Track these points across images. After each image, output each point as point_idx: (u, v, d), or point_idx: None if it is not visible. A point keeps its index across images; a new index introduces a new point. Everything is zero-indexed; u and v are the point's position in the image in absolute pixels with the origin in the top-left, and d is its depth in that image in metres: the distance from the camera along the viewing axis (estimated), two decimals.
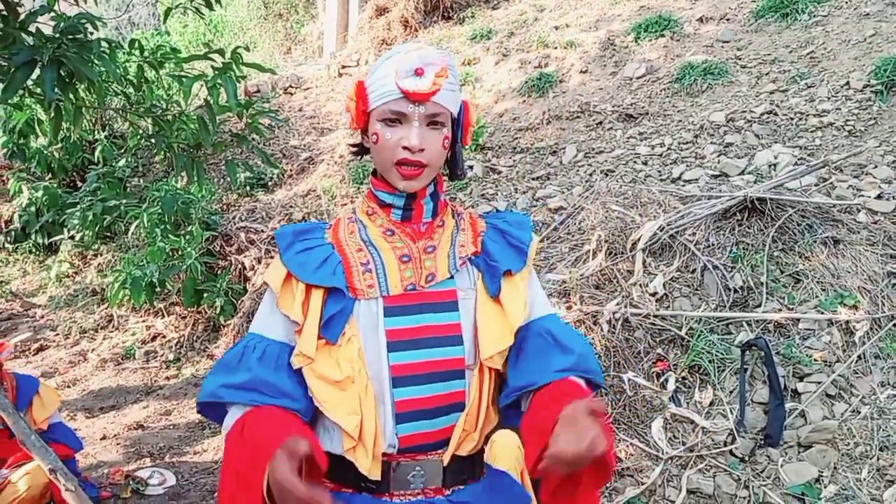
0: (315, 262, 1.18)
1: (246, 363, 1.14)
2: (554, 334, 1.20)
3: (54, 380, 4.85)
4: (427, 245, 1.22)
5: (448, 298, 1.18)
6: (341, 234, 1.24)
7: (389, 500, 1.14)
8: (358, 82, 1.21)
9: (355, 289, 1.16)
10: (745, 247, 3.50)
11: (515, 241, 1.25)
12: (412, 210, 1.22)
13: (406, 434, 1.13)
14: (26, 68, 2.31)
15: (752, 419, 2.84)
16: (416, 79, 1.13)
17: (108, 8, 17.08)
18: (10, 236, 7.78)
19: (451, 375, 1.15)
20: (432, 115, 1.15)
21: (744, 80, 5.19)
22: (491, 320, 1.17)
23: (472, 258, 1.22)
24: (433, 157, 1.17)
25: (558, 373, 1.14)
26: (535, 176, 4.94)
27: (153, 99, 5.29)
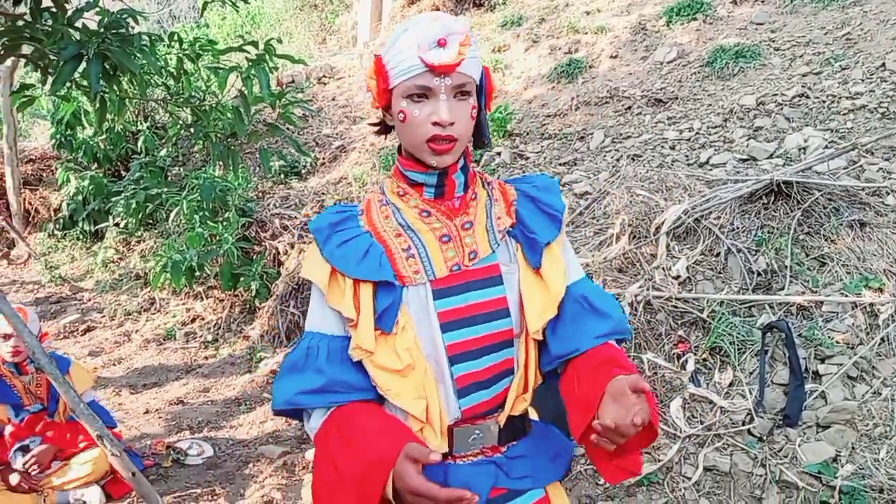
0: (357, 254, 1.16)
1: (314, 364, 1.15)
2: (589, 300, 1.20)
3: (101, 358, 5.11)
4: (464, 221, 1.19)
5: (492, 273, 1.17)
6: (376, 219, 1.21)
7: (453, 462, 1.16)
8: (376, 58, 1.16)
9: (402, 276, 1.15)
10: (769, 230, 3.50)
11: (548, 208, 1.23)
12: (444, 186, 1.18)
13: (468, 406, 1.16)
14: (73, 62, 2.46)
15: (771, 400, 2.87)
16: (439, 50, 1.07)
17: (150, 2, 17.52)
18: (59, 224, 8.12)
19: (502, 346, 1.17)
20: (459, 85, 1.10)
21: (776, 62, 5.12)
22: (535, 293, 1.18)
23: (510, 230, 1.21)
24: (463, 130, 1.12)
25: (597, 338, 1.16)
26: (563, 161, 4.98)
27: (191, 90, 5.48)
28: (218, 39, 10.19)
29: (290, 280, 4.90)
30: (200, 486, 3.17)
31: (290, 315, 4.79)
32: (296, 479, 3.19)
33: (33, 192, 8.78)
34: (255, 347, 4.91)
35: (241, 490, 3.13)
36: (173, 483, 3.23)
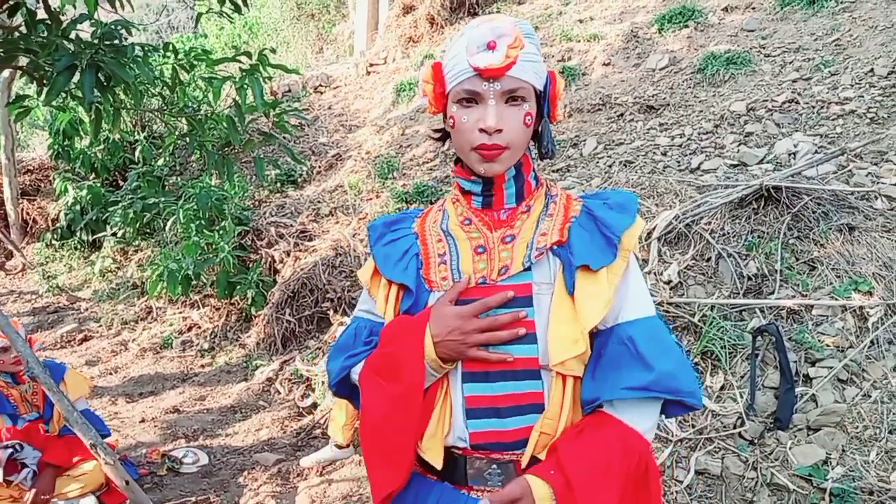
0: (397, 254, 1.17)
1: (361, 339, 1.21)
2: (637, 343, 1.04)
3: (97, 368, 5.12)
4: (505, 235, 1.12)
5: (522, 293, 1.07)
6: (428, 223, 1.21)
7: (468, 493, 1.10)
8: (434, 63, 1.13)
9: (430, 280, 1.13)
10: (759, 235, 3.53)
11: (607, 229, 1.09)
12: (492, 196, 1.13)
13: (477, 430, 1.07)
14: (67, 73, 2.50)
15: (762, 403, 2.89)
16: (488, 53, 1.02)
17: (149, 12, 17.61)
18: (57, 234, 8.14)
19: (525, 375, 1.06)
20: (510, 90, 1.04)
21: (767, 69, 5.17)
22: (564, 321, 1.04)
23: (555, 248, 1.09)
24: (514, 137, 1.06)
25: (628, 390, 1.02)
26: (555, 168, 5.01)
27: (186, 100, 5.52)
28: (215, 49, 10.27)
29: (285, 288, 4.92)
30: (195, 495, 3.18)
31: (286, 323, 4.80)
32: (290, 487, 3.21)
33: (31, 203, 8.81)
34: (251, 355, 4.92)
35: (235, 498, 3.14)
36: (168, 491, 3.24)
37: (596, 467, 0.99)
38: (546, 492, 0.98)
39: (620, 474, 0.99)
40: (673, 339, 1.11)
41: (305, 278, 4.85)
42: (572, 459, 0.99)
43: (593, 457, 1.00)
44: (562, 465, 0.99)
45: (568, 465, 0.99)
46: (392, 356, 1.11)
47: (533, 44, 1.07)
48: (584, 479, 0.97)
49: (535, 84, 1.08)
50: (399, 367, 1.09)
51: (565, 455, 1.00)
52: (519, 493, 0.99)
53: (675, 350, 1.08)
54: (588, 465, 0.99)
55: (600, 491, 0.98)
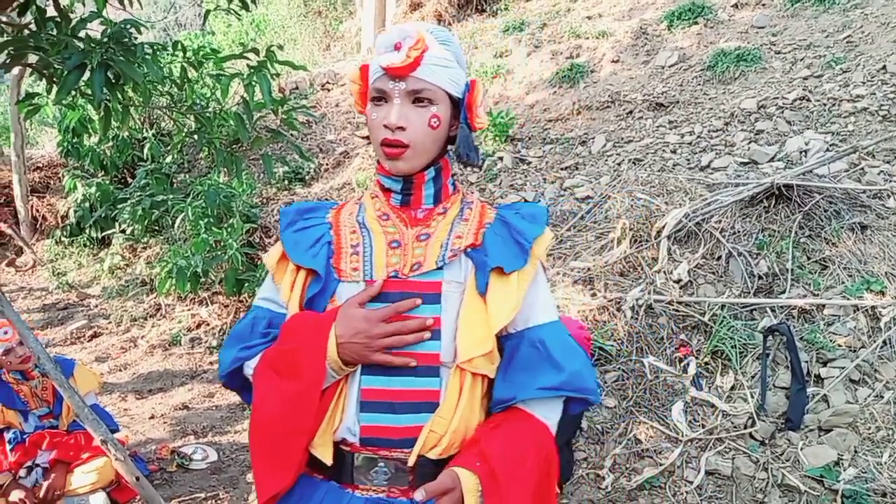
0: (308, 241, 1.17)
1: (258, 330, 1.18)
2: (548, 347, 1.10)
3: (107, 364, 5.14)
4: (421, 233, 1.15)
5: (431, 290, 1.10)
6: (343, 214, 1.22)
7: (352, 491, 1.10)
8: (362, 65, 1.18)
9: (340, 270, 1.13)
10: (770, 233, 3.50)
11: (520, 236, 1.14)
12: (411, 195, 1.16)
13: (368, 424, 1.07)
14: (77, 71, 2.50)
15: (773, 403, 2.87)
16: (392, 53, 1.07)
17: (157, 10, 17.65)
18: (67, 231, 8.17)
19: (425, 371, 1.08)
20: (415, 91, 1.08)
21: (777, 66, 5.13)
22: (474, 320, 1.08)
23: (469, 251, 1.13)
24: (416, 137, 1.09)
25: (541, 390, 1.08)
26: (564, 166, 4.99)
27: (195, 97, 5.53)
28: (223, 47, 10.28)
29: None
30: (205, 491, 3.19)
31: None
32: None
33: (41, 200, 8.85)
34: None
35: (244, 495, 3.15)
36: (178, 488, 3.25)
37: (515, 458, 1.05)
38: (473, 482, 1.02)
39: (535, 464, 1.07)
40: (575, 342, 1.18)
41: None
42: (495, 452, 1.04)
43: (512, 449, 1.06)
44: (486, 457, 1.04)
45: (491, 456, 1.03)
46: (292, 353, 1.09)
47: (449, 50, 1.11)
48: (506, 470, 1.03)
49: (447, 88, 1.11)
50: (298, 366, 1.08)
51: (488, 447, 1.05)
52: (450, 483, 1.02)
53: (580, 352, 1.16)
54: (509, 456, 1.04)
55: (520, 480, 1.04)
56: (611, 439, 2.98)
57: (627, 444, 2.93)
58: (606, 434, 3.01)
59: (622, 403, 3.09)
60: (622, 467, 2.85)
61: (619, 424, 3.02)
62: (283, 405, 1.08)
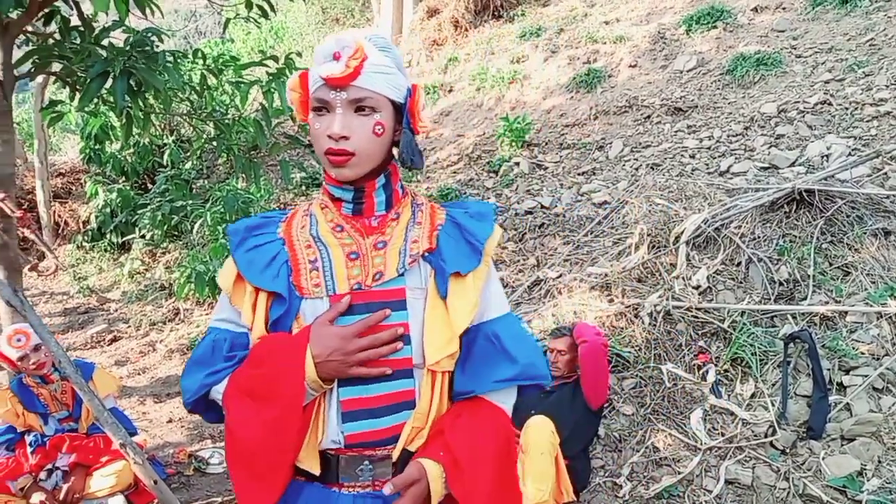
0: (263, 261, 1.15)
1: (221, 354, 1.15)
2: (502, 340, 1.15)
3: (126, 368, 5.19)
4: (377, 241, 1.15)
5: (396, 297, 1.12)
6: (294, 228, 1.19)
7: (339, 490, 1.12)
8: (302, 73, 1.16)
9: (301, 287, 1.12)
10: (791, 239, 3.46)
11: (471, 237, 1.17)
12: (362, 203, 1.16)
13: (352, 432, 1.10)
14: (100, 79, 2.54)
15: (794, 412, 2.82)
16: (332, 63, 1.07)
17: (177, 18, 17.90)
18: (88, 236, 8.29)
19: (399, 375, 1.11)
20: (357, 99, 1.08)
21: (798, 69, 5.07)
22: (438, 324, 1.12)
23: (426, 255, 1.15)
24: (361, 145, 1.09)
25: (498, 383, 1.13)
26: (581, 171, 4.97)
27: (214, 104, 5.60)
28: (242, 54, 10.39)
29: None
30: (221, 495, 3.20)
31: None
32: None
33: (63, 205, 9.00)
34: None
35: None
36: (195, 491, 3.26)
37: (476, 445, 1.11)
38: (438, 471, 1.07)
39: (495, 448, 1.13)
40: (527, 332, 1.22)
41: None
42: (457, 440, 1.09)
43: (473, 436, 1.11)
44: (448, 447, 1.09)
45: (454, 445, 1.09)
46: (266, 378, 1.08)
47: (388, 56, 1.11)
48: (468, 456, 1.09)
49: (389, 95, 1.11)
50: (275, 389, 1.07)
51: (451, 437, 1.10)
52: (416, 475, 1.06)
53: (531, 341, 1.22)
54: (470, 443, 1.10)
55: (481, 464, 1.10)
56: (628, 447, 2.95)
57: (645, 452, 2.90)
58: (624, 442, 2.98)
59: (640, 411, 3.06)
60: (640, 475, 2.81)
61: (637, 432, 2.99)
62: (263, 429, 1.08)
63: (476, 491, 1.09)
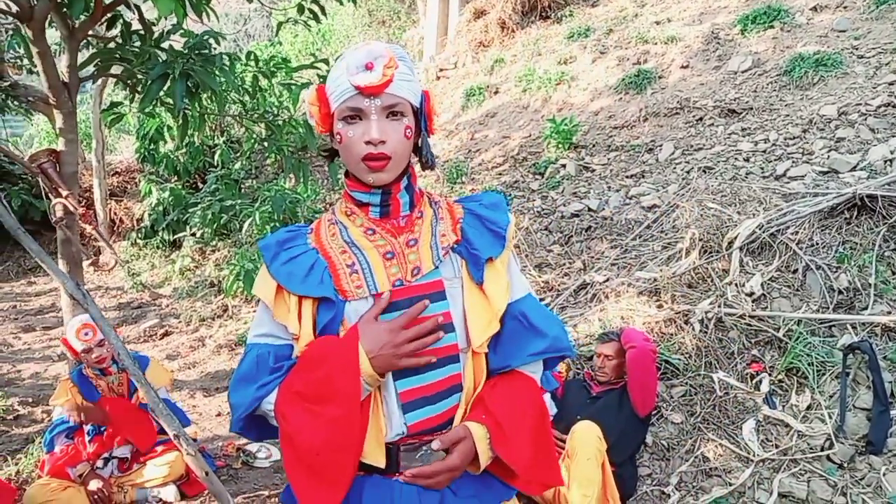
0: (302, 271, 1.19)
1: (266, 368, 1.18)
2: (529, 318, 1.24)
3: (177, 362, 5.34)
4: (409, 239, 1.22)
5: (435, 289, 1.19)
6: (323, 238, 1.24)
7: (399, 479, 1.17)
8: (318, 87, 1.22)
9: (344, 291, 1.17)
10: (852, 246, 3.33)
11: (493, 225, 1.26)
12: (389, 206, 1.21)
13: (414, 421, 1.17)
14: (160, 81, 2.62)
15: (853, 425, 2.72)
16: (366, 73, 1.12)
17: (227, 21, 18.35)
18: (141, 233, 8.57)
19: (448, 361, 1.18)
20: (389, 106, 1.14)
21: (860, 70, 4.88)
22: (478, 308, 1.20)
23: (455, 247, 1.23)
24: (396, 148, 1.15)
25: (531, 356, 1.22)
26: (630, 174, 4.89)
27: (266, 106, 5.71)
28: (290, 56, 10.58)
29: None
30: (268, 489, 3.26)
31: None
32: None
33: (118, 203, 9.33)
34: None
35: None
36: (243, 484, 3.33)
37: (515, 409, 1.20)
38: (483, 432, 1.17)
39: (532, 412, 1.23)
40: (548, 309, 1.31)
41: None
42: (496, 406, 1.19)
43: (512, 402, 1.21)
44: (490, 411, 1.18)
45: (494, 410, 1.18)
46: (322, 380, 1.12)
47: (406, 65, 1.17)
48: (509, 420, 1.18)
49: (412, 101, 1.18)
50: (333, 389, 1.11)
51: (490, 403, 1.19)
52: (462, 433, 1.16)
53: (555, 317, 1.32)
54: (509, 408, 1.20)
55: (520, 426, 1.20)
56: (677, 456, 2.89)
57: (695, 461, 2.83)
58: (672, 450, 2.92)
59: (689, 419, 2.99)
60: (689, 485, 2.75)
61: (686, 441, 2.92)
62: (327, 430, 1.12)
63: (519, 451, 1.18)
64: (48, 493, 3.01)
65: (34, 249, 2.30)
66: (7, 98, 5.55)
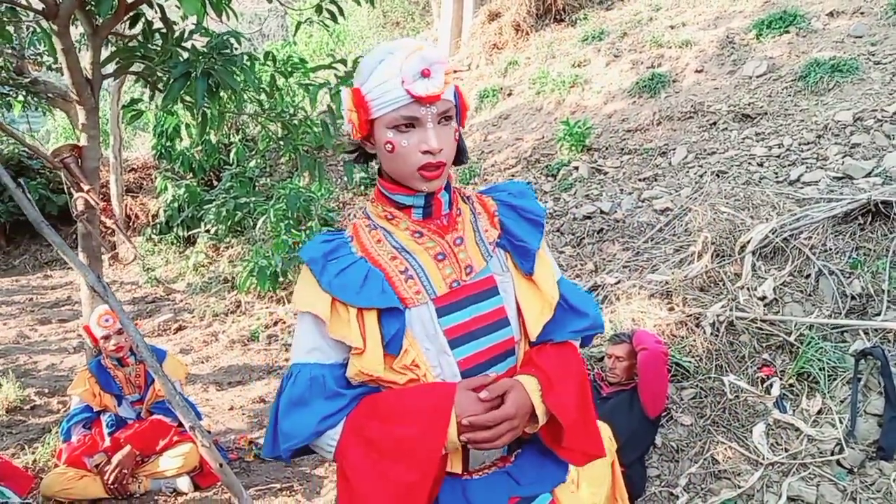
0: (356, 282, 1.13)
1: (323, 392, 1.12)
2: (568, 300, 1.26)
3: (190, 356, 5.41)
4: (455, 237, 1.21)
5: (488, 286, 1.20)
6: (367, 245, 1.20)
7: (469, 478, 1.17)
8: (354, 90, 1.15)
9: (403, 298, 1.14)
10: (865, 252, 3.33)
11: (530, 214, 1.27)
12: (431, 206, 1.20)
13: None
14: (182, 79, 2.67)
15: (863, 430, 2.72)
16: (425, 81, 1.07)
17: (242, 21, 18.45)
18: (156, 229, 8.67)
19: (506, 355, 1.20)
20: (443, 112, 1.12)
21: (876, 76, 4.87)
22: (531, 299, 1.22)
23: (498, 241, 1.24)
24: (450, 153, 1.15)
25: (573, 333, 1.25)
26: (642, 177, 4.90)
27: (283, 105, 5.76)
28: (305, 56, 10.66)
29: None
30: (279, 482, 3.30)
31: None
32: None
33: (134, 199, 9.44)
34: None
35: (317, 488, 3.24)
36: (255, 477, 3.38)
37: (561, 366, 1.21)
38: (534, 383, 1.16)
39: (576, 370, 1.24)
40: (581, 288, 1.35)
41: None
42: (544, 362, 1.19)
43: (558, 359, 1.21)
44: (539, 366, 1.19)
45: (543, 365, 1.19)
46: (405, 438, 1.08)
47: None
48: (557, 374, 1.19)
49: (454, 101, 1.17)
50: (413, 452, 1.08)
51: (539, 360, 1.20)
52: (510, 383, 1.14)
53: (589, 295, 1.36)
54: (556, 364, 1.20)
55: (567, 382, 1.20)
56: (686, 458, 2.90)
57: (704, 463, 2.84)
58: (682, 452, 2.93)
59: (699, 422, 3.00)
60: (697, 487, 2.76)
61: (696, 443, 2.93)
62: (396, 492, 1.08)
63: (567, 404, 1.18)
64: (64, 482, 3.08)
65: (56, 242, 2.35)
66: (28, 94, 5.64)
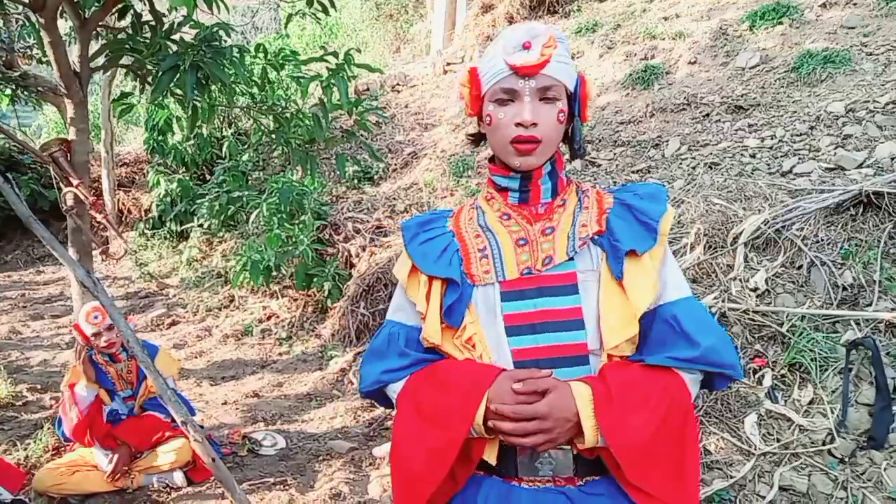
0: (435, 252, 1.19)
1: (396, 348, 1.21)
2: (681, 322, 1.08)
3: (184, 351, 5.40)
4: (545, 227, 1.17)
5: (567, 281, 1.12)
6: (462, 221, 1.24)
7: (518, 485, 1.12)
8: (471, 69, 1.19)
9: (472, 275, 1.15)
10: (857, 243, 3.34)
11: (643, 216, 1.14)
12: (529, 191, 1.18)
13: None
14: (171, 72, 2.65)
15: (854, 420, 2.73)
16: (524, 52, 1.09)
17: (235, 14, 18.35)
18: (149, 224, 8.63)
19: (575, 361, 1.09)
20: (544, 88, 1.10)
21: (868, 68, 4.87)
22: (615, 306, 1.08)
23: (596, 238, 1.14)
24: (548, 132, 1.11)
25: (671, 359, 1.07)
26: (636, 169, 4.90)
27: (274, 98, 5.72)
28: (297, 49, 10.59)
29: (361, 282, 5.03)
30: (273, 476, 3.30)
31: (360, 316, 4.92)
32: (363, 475, 3.28)
33: (126, 194, 9.38)
34: (326, 346, 5.07)
35: (311, 482, 3.24)
36: (248, 472, 3.38)
37: (636, 391, 1.04)
38: (586, 391, 1.04)
39: (662, 403, 1.05)
40: (712, 317, 1.13)
41: (380, 273, 4.95)
42: (614, 375, 1.05)
43: (638, 380, 1.05)
44: (605, 379, 1.05)
45: (611, 380, 1.04)
46: (442, 408, 1.12)
47: (565, 47, 1.13)
48: (627, 393, 1.03)
49: (567, 84, 1.13)
50: (447, 421, 1.11)
51: (610, 373, 1.06)
52: (555, 384, 1.04)
53: (717, 327, 1.12)
54: (632, 384, 1.04)
55: (642, 408, 1.03)
56: None
57: None
58: None
59: None
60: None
61: None
62: (426, 456, 1.12)
63: (630, 430, 1.02)
64: (57, 477, 3.07)
65: (46, 237, 2.33)
66: (17, 88, 5.59)
